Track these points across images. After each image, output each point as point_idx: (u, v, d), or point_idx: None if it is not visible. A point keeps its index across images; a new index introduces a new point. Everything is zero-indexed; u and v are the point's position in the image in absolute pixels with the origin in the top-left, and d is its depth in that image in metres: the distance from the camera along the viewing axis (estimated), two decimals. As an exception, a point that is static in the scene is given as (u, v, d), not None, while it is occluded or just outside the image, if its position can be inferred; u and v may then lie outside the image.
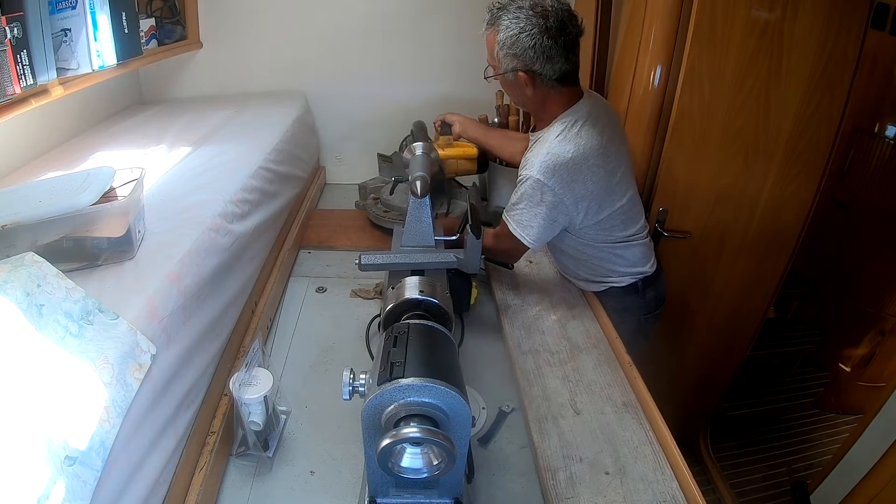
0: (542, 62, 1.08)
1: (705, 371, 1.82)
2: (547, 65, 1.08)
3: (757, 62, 1.29)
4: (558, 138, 1.12)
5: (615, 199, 1.19)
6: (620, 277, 1.31)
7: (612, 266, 1.29)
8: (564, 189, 1.11)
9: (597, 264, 1.30)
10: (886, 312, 2.16)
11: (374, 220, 1.68)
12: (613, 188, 1.18)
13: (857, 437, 1.40)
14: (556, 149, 1.11)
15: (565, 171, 1.10)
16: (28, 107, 0.96)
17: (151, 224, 0.94)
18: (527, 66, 1.09)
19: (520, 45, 1.07)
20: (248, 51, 1.93)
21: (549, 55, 1.07)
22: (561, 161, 1.10)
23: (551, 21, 1.05)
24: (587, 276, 1.34)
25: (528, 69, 1.10)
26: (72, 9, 1.08)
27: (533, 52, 1.06)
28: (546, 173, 1.10)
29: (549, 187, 1.11)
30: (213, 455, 0.86)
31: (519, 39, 1.06)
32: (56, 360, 0.60)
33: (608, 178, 1.16)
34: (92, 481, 0.58)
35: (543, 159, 1.11)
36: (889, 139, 2.07)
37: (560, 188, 1.11)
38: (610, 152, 1.15)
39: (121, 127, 1.59)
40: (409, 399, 0.64)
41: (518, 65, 1.10)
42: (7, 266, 0.64)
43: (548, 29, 1.05)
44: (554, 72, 1.09)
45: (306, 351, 1.19)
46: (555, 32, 1.05)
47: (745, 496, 1.91)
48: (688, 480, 0.86)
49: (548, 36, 1.05)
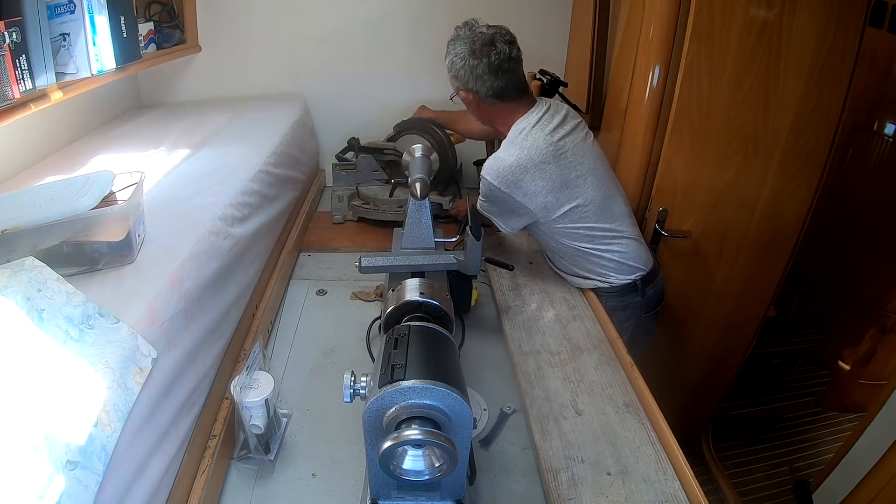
0: (474, 81, 1.22)
1: (706, 370, 1.82)
2: (478, 83, 1.22)
3: (755, 61, 1.29)
4: (505, 145, 1.27)
5: (577, 193, 1.26)
6: (614, 274, 1.32)
7: (600, 262, 1.32)
8: (511, 188, 1.23)
9: (582, 259, 1.33)
10: (887, 310, 2.15)
11: (364, 216, 1.73)
12: (572, 182, 1.25)
13: (858, 435, 1.39)
14: (502, 154, 1.25)
15: (509, 173, 1.22)
16: (27, 111, 0.96)
17: (151, 228, 0.94)
18: (464, 84, 1.24)
19: (455, 67, 1.23)
20: (246, 54, 1.93)
21: (478, 74, 1.21)
22: (505, 165, 1.22)
23: (477, 45, 1.19)
24: (578, 271, 1.36)
25: (466, 87, 1.25)
26: (70, 13, 1.08)
27: (464, 72, 1.22)
28: (493, 176, 1.23)
29: (496, 188, 1.23)
30: (214, 459, 0.86)
31: (454, 62, 1.23)
32: (57, 365, 0.60)
33: (563, 173, 1.24)
34: (94, 485, 0.58)
35: (491, 163, 1.25)
36: (888, 136, 2.07)
37: (506, 188, 1.23)
38: (564, 150, 1.25)
39: (120, 131, 1.60)
40: (410, 401, 0.64)
41: (459, 85, 1.26)
42: (7, 271, 0.64)
43: (473, 52, 1.20)
44: (487, 89, 1.23)
45: (307, 354, 1.19)
46: (479, 53, 1.19)
47: (747, 495, 1.91)
48: (690, 480, 0.85)
49: (473, 57, 1.20)
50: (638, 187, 1.47)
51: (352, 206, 1.74)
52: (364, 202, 1.73)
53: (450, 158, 1.67)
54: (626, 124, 1.48)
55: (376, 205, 1.70)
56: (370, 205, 1.72)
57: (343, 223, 1.76)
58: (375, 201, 1.70)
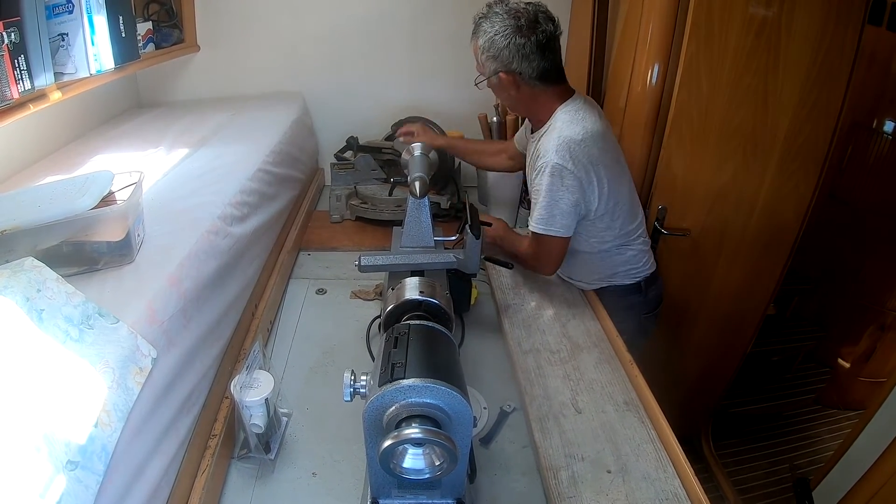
0: (519, 60, 1.13)
1: (706, 368, 1.82)
2: (524, 63, 1.13)
3: (754, 59, 1.29)
4: (566, 123, 1.17)
5: (622, 186, 1.24)
6: (623, 278, 1.33)
7: (616, 266, 1.31)
8: (580, 169, 1.14)
9: (601, 264, 1.31)
10: (886, 307, 2.15)
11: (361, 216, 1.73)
12: (619, 175, 1.23)
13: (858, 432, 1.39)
14: (567, 131, 1.15)
15: (579, 150, 1.14)
16: (26, 111, 0.96)
17: (150, 227, 0.94)
18: (506, 66, 1.15)
19: (496, 46, 1.13)
20: (245, 53, 1.93)
21: (524, 53, 1.12)
22: (574, 141, 1.14)
23: (522, 21, 1.11)
24: (590, 279, 1.35)
25: (508, 69, 1.15)
26: (69, 13, 1.07)
27: (508, 51, 1.12)
28: (563, 156, 1.13)
29: (568, 170, 1.14)
30: (214, 458, 0.86)
31: (494, 41, 1.13)
32: (57, 365, 0.60)
33: (614, 163, 1.21)
34: (94, 485, 0.58)
35: (557, 144, 1.14)
36: (887, 134, 2.07)
37: (577, 168, 1.14)
38: (610, 139, 1.22)
39: (119, 131, 1.59)
40: (410, 400, 0.64)
41: (498, 66, 1.16)
42: (7, 271, 0.64)
43: (519, 28, 1.11)
44: (532, 70, 1.14)
45: (307, 353, 1.19)
46: (526, 31, 1.11)
47: (747, 493, 1.91)
48: (690, 478, 0.86)
49: (520, 35, 1.11)
50: (637, 185, 1.47)
51: (350, 205, 1.74)
52: (362, 201, 1.73)
53: (448, 157, 1.67)
54: (624, 122, 1.48)
55: (374, 204, 1.70)
56: (368, 204, 1.72)
57: (341, 222, 1.76)
58: (374, 200, 1.70)
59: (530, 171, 1.25)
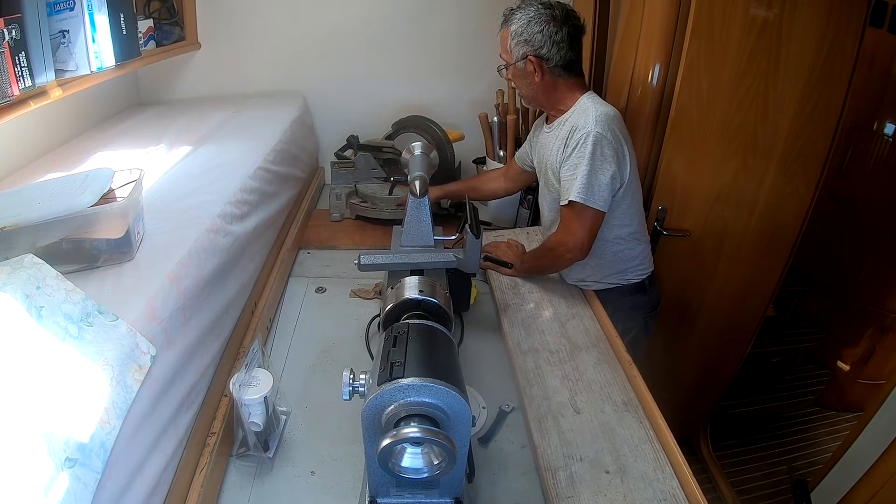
0: (550, 46, 1.18)
1: (705, 369, 1.82)
2: (553, 49, 1.19)
3: (755, 60, 1.29)
4: (598, 103, 1.22)
5: (636, 174, 1.26)
6: (633, 274, 1.34)
7: (629, 261, 1.32)
8: (616, 141, 1.18)
9: (615, 258, 1.31)
10: (886, 309, 2.16)
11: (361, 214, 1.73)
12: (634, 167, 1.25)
13: (857, 434, 1.40)
14: (602, 108, 1.20)
15: (615, 124, 1.19)
16: (27, 108, 0.96)
17: (150, 225, 0.94)
18: (536, 50, 1.19)
19: (529, 31, 1.18)
20: (246, 51, 1.93)
21: (556, 40, 1.18)
22: (609, 116, 1.19)
23: (557, 11, 1.18)
24: (602, 275, 1.34)
25: (537, 54, 1.20)
26: (70, 10, 1.08)
27: (541, 36, 1.18)
28: (603, 126, 1.17)
29: (608, 140, 1.17)
30: (213, 456, 0.87)
31: (529, 26, 1.18)
32: (56, 362, 0.60)
33: (631, 152, 1.23)
34: (92, 483, 0.58)
35: (596, 116, 1.17)
36: (887, 136, 2.07)
37: (614, 140, 1.18)
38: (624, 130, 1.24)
39: (119, 128, 1.60)
40: (409, 399, 0.64)
41: (528, 50, 1.20)
42: (6, 268, 0.64)
43: (554, 17, 1.18)
44: (560, 58, 1.20)
45: (306, 351, 1.19)
46: (561, 20, 1.18)
47: (745, 494, 1.91)
48: (688, 479, 0.86)
49: (554, 23, 1.17)
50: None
51: (350, 204, 1.74)
52: (362, 200, 1.73)
53: (448, 156, 1.67)
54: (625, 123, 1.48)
55: (374, 203, 1.70)
56: (368, 203, 1.72)
57: (341, 221, 1.76)
58: (373, 199, 1.70)
59: (556, 156, 1.23)
